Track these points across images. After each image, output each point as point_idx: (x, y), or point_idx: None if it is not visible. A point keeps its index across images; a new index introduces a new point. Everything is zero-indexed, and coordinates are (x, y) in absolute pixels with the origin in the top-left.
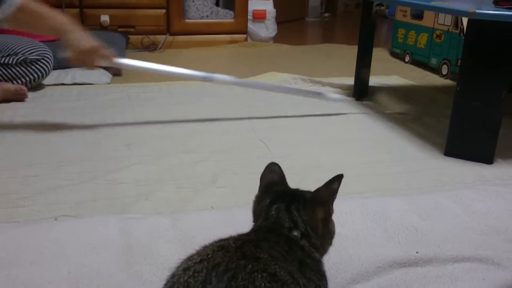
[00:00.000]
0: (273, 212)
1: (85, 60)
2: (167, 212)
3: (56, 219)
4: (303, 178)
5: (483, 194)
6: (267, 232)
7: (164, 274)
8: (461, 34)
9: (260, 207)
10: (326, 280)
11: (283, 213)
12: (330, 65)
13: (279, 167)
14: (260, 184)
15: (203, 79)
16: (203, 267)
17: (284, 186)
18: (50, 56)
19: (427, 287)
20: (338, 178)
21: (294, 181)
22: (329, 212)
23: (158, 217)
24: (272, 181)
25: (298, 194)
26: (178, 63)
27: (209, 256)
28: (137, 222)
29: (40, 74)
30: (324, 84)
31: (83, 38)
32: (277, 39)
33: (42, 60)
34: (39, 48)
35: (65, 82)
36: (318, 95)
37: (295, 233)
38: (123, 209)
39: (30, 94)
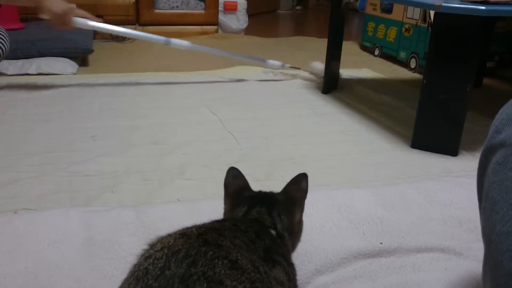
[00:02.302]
0: (255, 213)
1: (62, 21)
2: (132, 205)
3: (15, 213)
4: (272, 170)
5: (447, 186)
6: (238, 221)
7: (126, 268)
8: (429, 28)
9: (235, 214)
10: (294, 270)
11: (264, 215)
12: (301, 58)
13: (239, 171)
14: (225, 192)
15: (164, 42)
16: (163, 254)
17: (252, 191)
18: (4, 34)
19: (390, 278)
20: (305, 177)
21: (262, 173)
22: (302, 212)
23: (121, 210)
24: (240, 187)
25: (274, 199)
26: (147, 54)
27: (170, 243)
28: (100, 215)
29: None
30: (295, 77)
31: (56, 3)
32: (248, 31)
33: None
34: None
35: (29, 72)
36: (263, 61)
37: (272, 231)
38: (86, 202)
39: None
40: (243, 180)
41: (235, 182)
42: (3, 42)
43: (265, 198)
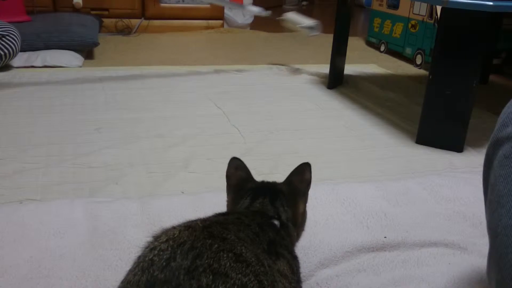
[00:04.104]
0: (258, 205)
1: None
2: (136, 197)
3: (20, 203)
4: (276, 164)
5: (452, 181)
6: (241, 214)
7: (130, 258)
8: (436, 24)
9: (238, 207)
10: (298, 262)
11: (267, 205)
12: (306, 53)
13: (242, 161)
14: (228, 183)
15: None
16: (168, 245)
17: (254, 182)
18: (15, 33)
19: (394, 271)
20: (308, 167)
21: (266, 167)
22: (306, 203)
23: (126, 201)
24: (242, 178)
25: (277, 189)
26: (153, 48)
27: (175, 235)
28: (104, 206)
29: (6, 51)
30: (301, 72)
31: None
32: (253, 26)
33: (7, 37)
34: (3, 25)
35: (35, 64)
36: (241, 7)
37: (275, 222)
38: (91, 193)
39: None
40: (245, 170)
41: (237, 174)
42: (13, 40)
43: (268, 188)
